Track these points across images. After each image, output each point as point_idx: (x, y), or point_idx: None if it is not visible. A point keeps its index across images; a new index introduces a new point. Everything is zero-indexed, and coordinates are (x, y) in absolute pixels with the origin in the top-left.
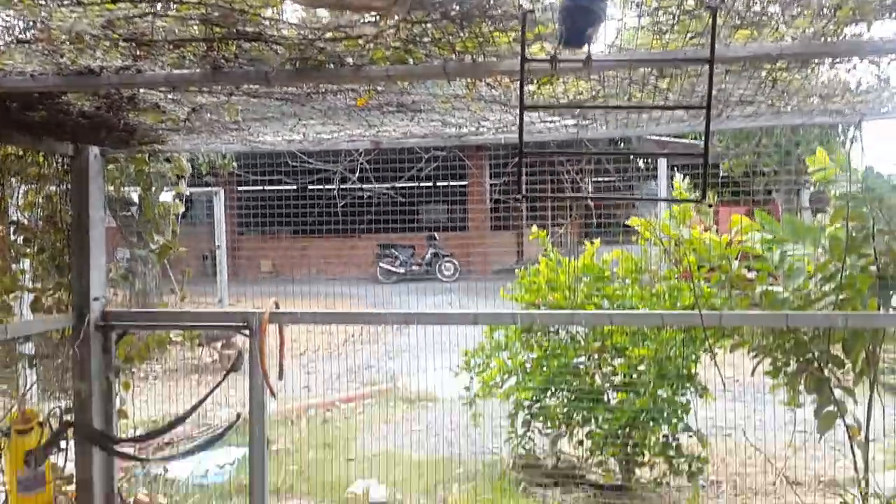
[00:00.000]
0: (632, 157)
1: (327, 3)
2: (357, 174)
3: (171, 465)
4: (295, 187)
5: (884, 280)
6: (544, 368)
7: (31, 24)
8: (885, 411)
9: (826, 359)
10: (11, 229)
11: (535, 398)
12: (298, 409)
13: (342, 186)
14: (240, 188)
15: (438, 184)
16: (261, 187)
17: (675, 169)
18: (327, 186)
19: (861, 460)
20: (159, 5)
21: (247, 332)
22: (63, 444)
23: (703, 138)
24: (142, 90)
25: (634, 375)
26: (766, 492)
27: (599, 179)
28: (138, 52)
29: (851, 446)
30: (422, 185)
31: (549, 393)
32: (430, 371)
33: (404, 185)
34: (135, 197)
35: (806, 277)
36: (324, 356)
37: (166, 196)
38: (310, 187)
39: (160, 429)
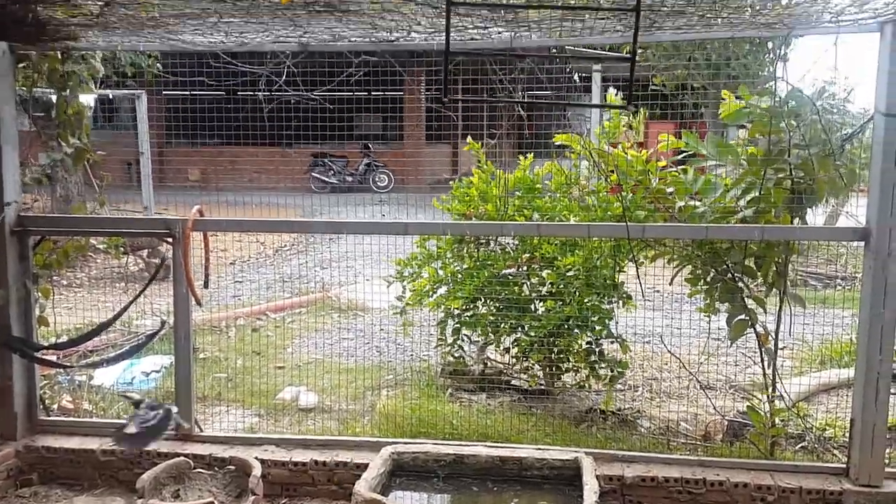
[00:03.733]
0: (562, 65)
1: None
2: (285, 78)
3: (96, 372)
4: (223, 93)
5: (798, 194)
6: (474, 278)
7: None
8: (793, 320)
9: (740, 269)
10: None
11: (464, 307)
12: (227, 318)
13: (270, 90)
14: (165, 92)
15: (373, 93)
16: (187, 91)
17: (609, 82)
18: (256, 91)
19: (769, 367)
20: None
21: (170, 239)
22: None
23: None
24: None
25: (563, 285)
26: (680, 395)
27: (533, 89)
28: None
29: (761, 353)
30: (356, 93)
31: (478, 303)
32: (362, 281)
33: (337, 92)
34: (54, 99)
35: (723, 192)
36: (254, 266)
37: (86, 98)
38: (239, 93)
39: (82, 336)
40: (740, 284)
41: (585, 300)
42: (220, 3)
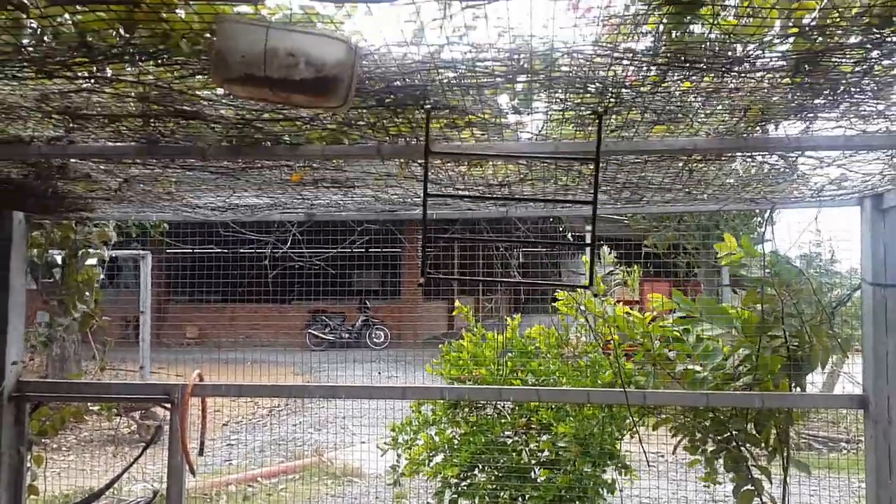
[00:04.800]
0: (552, 236)
1: (274, 100)
2: (289, 245)
3: None
4: (225, 250)
5: (794, 361)
6: (471, 444)
7: None
8: (800, 489)
9: (743, 438)
10: None
11: (461, 475)
12: (218, 485)
13: (273, 252)
14: (169, 250)
15: (371, 250)
16: (190, 248)
17: (603, 241)
18: (258, 250)
19: None
20: (89, 82)
21: (168, 405)
22: None
23: (627, 217)
24: (73, 160)
25: (560, 452)
26: None
27: (527, 251)
28: (72, 124)
29: None
30: (355, 250)
31: (476, 470)
32: (356, 444)
33: (337, 252)
34: (59, 259)
35: (723, 357)
36: (247, 427)
37: (93, 261)
38: (241, 250)
39: None
40: (745, 453)
41: (583, 469)
42: (235, 180)
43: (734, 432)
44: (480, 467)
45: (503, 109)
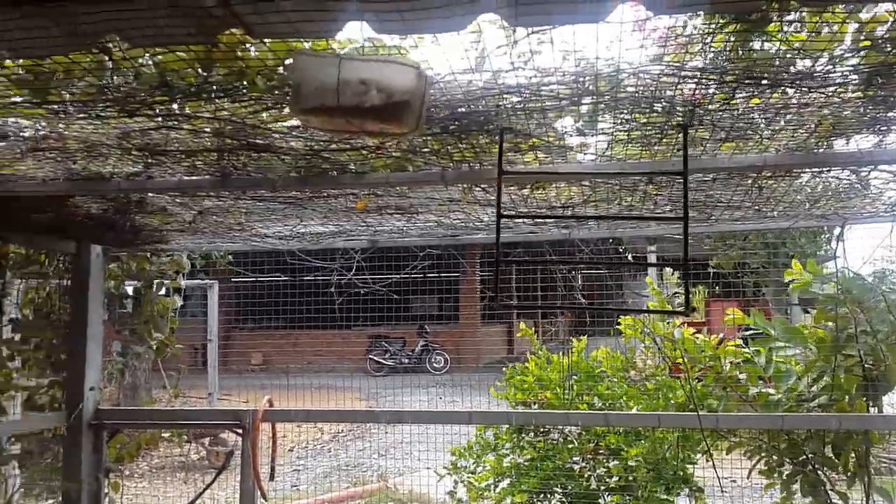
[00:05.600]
0: (615, 257)
1: (348, 129)
2: (353, 272)
3: None
4: (290, 278)
5: (870, 381)
6: (538, 470)
7: (45, 132)
8: None
9: (820, 461)
10: (10, 327)
11: (529, 501)
12: None
13: (338, 279)
14: (234, 279)
15: (430, 275)
16: (254, 278)
17: (667, 260)
18: (321, 277)
19: None
20: (168, 119)
21: (240, 430)
22: None
23: (692, 236)
24: (150, 194)
25: (630, 478)
26: None
27: (590, 272)
28: (150, 160)
29: None
30: (413, 276)
31: (542, 496)
32: (422, 470)
33: (400, 277)
34: (130, 290)
35: (796, 378)
36: (312, 453)
37: (165, 288)
38: (305, 278)
39: None
40: (822, 476)
41: (655, 494)
42: (302, 209)
43: (810, 455)
44: (545, 494)
45: (567, 131)
